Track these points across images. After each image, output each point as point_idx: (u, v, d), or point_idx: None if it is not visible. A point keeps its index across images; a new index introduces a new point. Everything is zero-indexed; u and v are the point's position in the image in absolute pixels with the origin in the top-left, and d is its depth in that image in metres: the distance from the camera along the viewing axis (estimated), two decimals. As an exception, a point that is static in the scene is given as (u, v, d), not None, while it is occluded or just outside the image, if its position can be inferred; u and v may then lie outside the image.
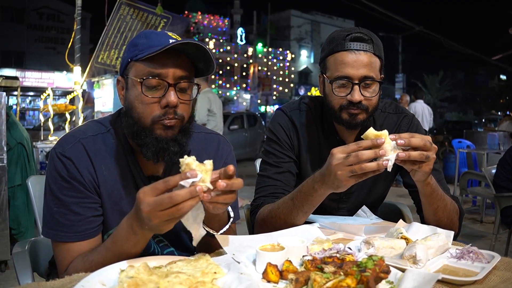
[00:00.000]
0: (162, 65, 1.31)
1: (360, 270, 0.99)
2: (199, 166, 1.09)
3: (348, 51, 1.67)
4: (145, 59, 1.31)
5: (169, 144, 1.35)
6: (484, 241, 5.50)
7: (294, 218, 1.58)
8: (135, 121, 1.35)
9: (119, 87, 1.44)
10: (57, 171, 1.36)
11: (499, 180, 4.08)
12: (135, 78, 1.33)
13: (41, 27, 29.79)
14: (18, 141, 5.01)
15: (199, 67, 1.42)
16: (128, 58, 1.36)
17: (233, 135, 14.40)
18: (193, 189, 1.04)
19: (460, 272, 1.17)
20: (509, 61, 32.31)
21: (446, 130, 21.57)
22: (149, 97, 1.32)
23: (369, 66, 1.66)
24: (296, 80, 42.15)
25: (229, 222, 1.41)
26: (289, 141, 1.87)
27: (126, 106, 1.39)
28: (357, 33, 1.68)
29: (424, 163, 1.39)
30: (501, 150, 7.42)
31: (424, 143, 1.36)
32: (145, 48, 1.32)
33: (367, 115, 1.72)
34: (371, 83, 1.68)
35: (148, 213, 1.05)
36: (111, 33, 6.79)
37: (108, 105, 6.72)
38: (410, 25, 25.03)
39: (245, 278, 1.05)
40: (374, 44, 1.69)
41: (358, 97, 1.66)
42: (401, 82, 33.43)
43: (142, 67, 1.33)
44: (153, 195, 1.06)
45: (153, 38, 1.35)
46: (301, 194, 1.54)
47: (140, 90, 1.32)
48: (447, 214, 1.60)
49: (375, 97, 1.71)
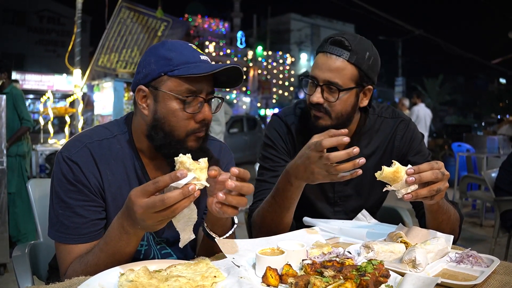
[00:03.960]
0: (199, 82, 1.36)
1: (360, 274, 0.99)
2: (194, 164, 1.09)
3: (323, 53, 1.69)
4: (183, 76, 1.34)
5: (198, 154, 1.36)
6: (483, 244, 5.49)
7: (278, 215, 1.59)
8: (167, 134, 1.38)
9: (140, 96, 1.42)
10: (63, 174, 1.37)
11: (501, 183, 4.07)
12: (171, 92, 1.35)
13: (42, 30, 29.80)
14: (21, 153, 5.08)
15: (221, 80, 1.45)
16: (161, 72, 1.36)
17: (233, 138, 14.40)
18: (186, 189, 1.05)
19: (459, 276, 1.18)
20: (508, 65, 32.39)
21: (446, 134, 21.57)
22: (188, 113, 1.36)
23: (336, 72, 1.66)
24: (296, 83, 42.13)
25: (233, 228, 1.42)
26: (285, 146, 1.88)
27: (155, 119, 1.39)
28: (339, 37, 1.68)
29: (436, 195, 1.35)
30: (501, 153, 7.43)
31: (436, 176, 1.32)
32: (181, 64, 1.34)
33: (330, 121, 1.71)
34: (335, 88, 1.67)
35: (141, 214, 1.07)
36: (111, 36, 6.81)
37: (108, 108, 6.72)
38: (410, 29, 25.10)
39: (245, 282, 1.06)
40: (352, 52, 1.66)
41: (315, 99, 1.68)
42: (400, 85, 33.39)
43: (179, 83, 1.35)
44: (144, 196, 1.07)
45: (184, 52, 1.37)
46: (279, 190, 1.56)
47: (177, 106, 1.36)
48: (450, 225, 1.60)
49: (338, 103, 1.69)
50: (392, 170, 1.31)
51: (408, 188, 1.32)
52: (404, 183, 1.31)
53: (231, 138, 13.97)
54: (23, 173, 5.16)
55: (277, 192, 1.57)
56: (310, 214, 1.77)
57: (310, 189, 1.88)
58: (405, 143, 1.89)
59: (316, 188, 1.89)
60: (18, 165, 5.12)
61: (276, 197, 1.57)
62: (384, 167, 1.32)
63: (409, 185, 1.31)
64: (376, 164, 1.82)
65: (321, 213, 1.91)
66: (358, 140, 1.85)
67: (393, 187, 1.34)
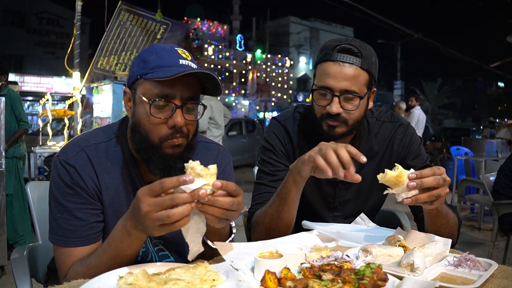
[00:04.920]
0: (171, 87, 1.32)
1: (358, 277, 1.00)
2: (204, 170, 1.10)
3: (334, 62, 1.66)
4: (155, 80, 1.32)
5: (176, 161, 1.37)
6: (482, 248, 5.50)
7: (278, 212, 1.59)
8: (143, 137, 1.37)
9: (125, 98, 1.45)
10: (60, 178, 1.38)
11: (499, 186, 4.08)
12: (143, 97, 1.34)
13: (41, 32, 29.75)
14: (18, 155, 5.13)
15: (207, 87, 1.44)
16: (138, 75, 1.37)
17: (232, 141, 14.41)
18: (196, 192, 1.05)
19: (457, 280, 1.18)
20: (507, 69, 32.45)
21: (445, 137, 21.61)
22: (157, 118, 1.34)
23: (352, 80, 1.65)
24: (295, 86, 42.17)
25: (230, 237, 1.43)
26: (284, 150, 1.88)
27: (133, 121, 1.40)
28: (347, 44, 1.67)
29: (436, 200, 1.35)
30: (499, 157, 7.44)
31: (437, 182, 1.32)
32: (155, 67, 1.33)
33: (347, 128, 1.71)
34: (352, 97, 1.67)
35: (146, 212, 1.06)
36: (111, 39, 6.81)
37: (107, 111, 6.71)
38: (409, 32, 25.08)
39: (244, 285, 1.06)
40: (363, 58, 1.67)
41: (335, 110, 1.66)
42: (399, 89, 33.43)
43: (151, 87, 1.33)
44: (151, 196, 1.07)
45: (163, 56, 1.36)
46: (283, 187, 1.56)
47: (148, 111, 1.34)
48: (448, 229, 1.60)
49: (356, 111, 1.70)
50: (395, 174, 1.31)
51: (409, 193, 1.32)
52: (405, 187, 1.32)
53: (229, 141, 13.98)
54: (20, 175, 5.19)
55: (281, 190, 1.57)
56: (309, 218, 1.78)
57: (311, 194, 1.88)
58: (403, 147, 1.89)
59: (317, 194, 1.90)
60: (15, 167, 5.14)
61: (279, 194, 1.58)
62: (387, 170, 1.32)
63: (410, 189, 1.32)
64: (375, 168, 1.83)
65: (320, 218, 1.92)
66: (358, 143, 1.86)
67: (393, 190, 1.34)
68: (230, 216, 1.14)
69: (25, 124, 5.17)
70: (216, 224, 1.16)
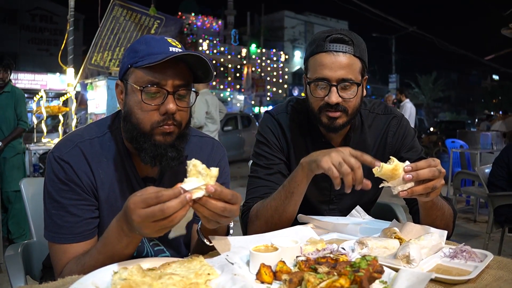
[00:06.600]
0: (162, 73, 1.33)
1: (354, 270, 0.99)
2: (206, 169, 1.10)
3: (327, 52, 1.66)
4: (145, 67, 1.32)
5: (167, 150, 1.37)
6: (477, 240, 5.53)
7: (283, 205, 1.59)
8: (134, 126, 1.37)
9: (118, 91, 1.45)
10: (55, 174, 1.37)
11: (494, 178, 4.10)
12: (135, 85, 1.34)
13: (34, 28, 29.59)
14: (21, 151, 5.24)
15: (198, 74, 1.44)
16: (128, 64, 1.37)
17: (227, 136, 14.39)
18: (183, 198, 1.04)
19: (453, 271, 1.18)
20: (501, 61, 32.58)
21: (440, 130, 21.69)
22: (148, 105, 1.34)
23: (348, 68, 1.65)
24: (290, 81, 42.17)
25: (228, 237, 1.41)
26: (278, 143, 1.88)
27: (125, 111, 1.40)
28: (337, 34, 1.67)
29: (431, 192, 1.36)
30: (494, 149, 7.46)
31: (433, 174, 1.33)
32: (145, 55, 1.33)
33: (347, 118, 1.71)
34: (349, 85, 1.67)
35: (139, 223, 1.06)
36: (104, 35, 6.77)
37: (101, 107, 6.67)
38: (403, 26, 25.08)
39: (239, 279, 1.05)
40: (355, 46, 1.67)
41: (335, 99, 1.66)
42: (394, 82, 33.41)
43: (142, 75, 1.33)
44: (143, 206, 1.05)
45: (153, 44, 1.36)
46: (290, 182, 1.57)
47: (140, 98, 1.34)
48: (444, 221, 1.60)
49: (354, 98, 1.70)
50: (391, 167, 1.31)
51: (405, 186, 1.32)
52: (401, 180, 1.32)
53: (225, 136, 13.95)
54: (25, 169, 5.29)
55: (287, 184, 1.58)
56: (305, 211, 1.77)
57: (308, 188, 1.88)
58: (397, 140, 1.89)
59: (313, 187, 1.89)
60: (21, 162, 5.21)
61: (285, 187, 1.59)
62: (382, 164, 1.32)
63: (405, 182, 1.32)
64: None
65: (316, 211, 1.91)
66: (353, 136, 1.85)
67: (389, 183, 1.34)
68: (221, 221, 1.14)
69: (24, 124, 5.22)
70: (206, 224, 1.17)
